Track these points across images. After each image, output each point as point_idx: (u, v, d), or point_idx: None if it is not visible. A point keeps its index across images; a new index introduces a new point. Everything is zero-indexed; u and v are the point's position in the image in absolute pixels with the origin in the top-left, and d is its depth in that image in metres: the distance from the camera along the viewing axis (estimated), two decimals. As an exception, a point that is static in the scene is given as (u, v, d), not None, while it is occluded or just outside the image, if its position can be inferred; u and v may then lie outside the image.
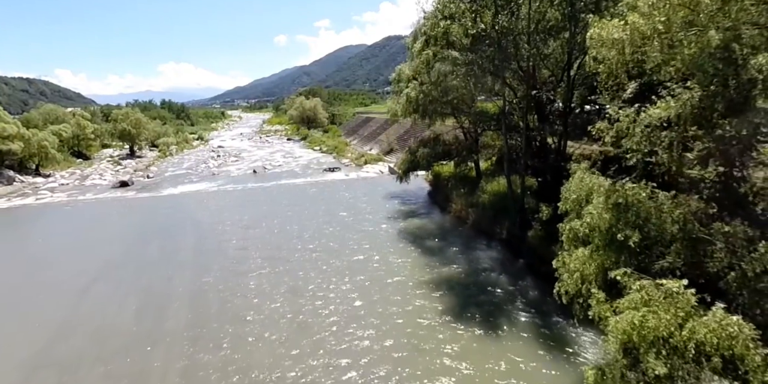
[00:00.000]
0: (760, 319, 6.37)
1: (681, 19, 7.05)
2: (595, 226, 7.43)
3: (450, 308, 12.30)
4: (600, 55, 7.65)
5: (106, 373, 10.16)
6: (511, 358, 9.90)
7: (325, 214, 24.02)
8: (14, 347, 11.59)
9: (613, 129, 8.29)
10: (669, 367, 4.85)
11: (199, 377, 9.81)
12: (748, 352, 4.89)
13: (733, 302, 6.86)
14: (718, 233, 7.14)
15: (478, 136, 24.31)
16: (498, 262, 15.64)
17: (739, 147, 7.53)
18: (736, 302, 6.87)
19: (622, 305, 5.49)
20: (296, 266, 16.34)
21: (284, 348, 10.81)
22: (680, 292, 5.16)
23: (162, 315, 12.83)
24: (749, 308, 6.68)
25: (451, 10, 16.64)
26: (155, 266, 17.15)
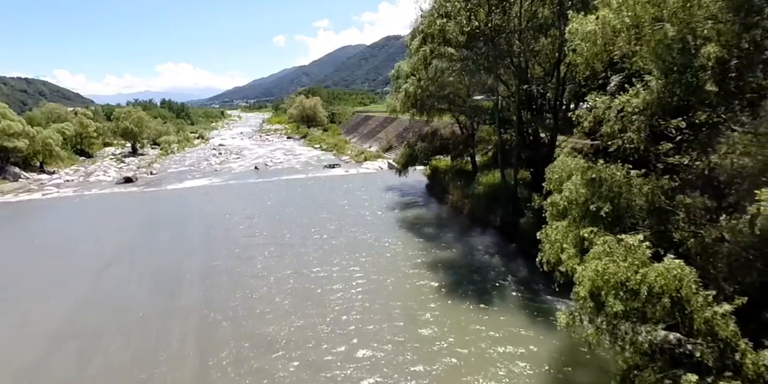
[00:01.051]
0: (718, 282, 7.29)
1: (648, 15, 7.96)
2: (573, 200, 8.32)
3: (445, 284, 13.25)
4: (578, 48, 8.56)
5: (127, 341, 11.07)
6: (500, 325, 10.84)
7: (326, 205, 24.98)
8: (40, 320, 12.49)
9: (591, 115, 9.20)
10: (625, 305, 5.75)
11: (214, 343, 10.73)
12: (693, 294, 5.80)
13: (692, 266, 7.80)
14: (681, 205, 8.06)
15: (474, 131, 25.23)
16: (492, 246, 16.57)
17: (710, 134, 8.43)
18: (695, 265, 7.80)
19: (588, 257, 6.39)
20: (300, 250, 17.30)
21: (291, 317, 11.76)
22: (637, 245, 6.07)
23: (176, 292, 13.75)
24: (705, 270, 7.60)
25: (447, 8, 17.54)
26: (166, 251, 18.07)
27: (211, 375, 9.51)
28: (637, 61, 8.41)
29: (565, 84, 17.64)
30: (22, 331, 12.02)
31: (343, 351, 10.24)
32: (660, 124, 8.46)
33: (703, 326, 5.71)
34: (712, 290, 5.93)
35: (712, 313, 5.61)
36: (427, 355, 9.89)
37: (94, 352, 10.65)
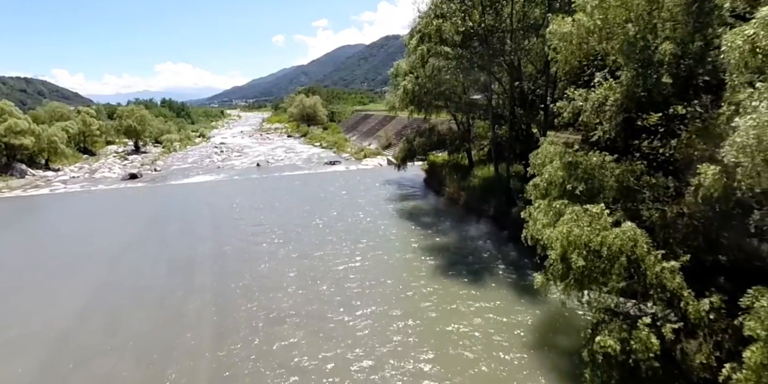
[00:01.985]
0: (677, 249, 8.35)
1: (617, 17, 9.03)
2: (552, 181, 9.37)
3: (440, 265, 14.34)
4: (557, 47, 9.63)
5: (148, 313, 12.15)
6: (489, 299, 11.92)
7: (327, 197, 26.09)
8: (67, 298, 13.54)
9: (570, 107, 10.28)
10: (586, 261, 6.81)
11: (229, 314, 11.81)
12: (646, 254, 6.88)
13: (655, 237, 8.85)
14: (647, 184, 9.13)
15: (469, 127, 26.27)
16: (485, 233, 17.64)
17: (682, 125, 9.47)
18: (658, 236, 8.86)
19: (558, 224, 7.45)
20: (304, 237, 18.46)
21: (298, 291, 12.91)
22: (600, 213, 7.13)
23: (189, 274, 14.82)
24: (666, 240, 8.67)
25: (443, 9, 18.59)
26: (178, 239, 19.15)
27: (228, 340, 10.56)
28: (610, 58, 9.51)
29: (555, 81, 18.68)
30: (51, 307, 13.06)
31: (344, 317, 11.40)
32: (638, 116, 9.53)
33: (654, 280, 6.77)
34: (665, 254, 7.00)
35: (661, 268, 6.67)
36: (416, 316, 11.06)
37: (119, 323, 11.70)
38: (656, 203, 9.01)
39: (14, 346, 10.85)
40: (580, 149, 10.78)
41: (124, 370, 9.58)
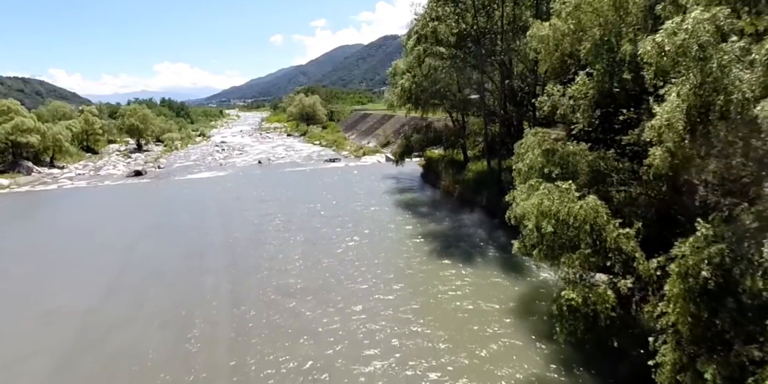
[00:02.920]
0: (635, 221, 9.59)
1: (588, 22, 10.29)
2: (532, 166, 10.59)
3: (435, 249, 15.61)
4: (537, 48, 10.88)
5: (168, 291, 13.37)
6: (479, 275, 13.23)
7: (329, 190, 27.40)
8: (91, 280, 14.74)
9: (549, 101, 11.53)
10: (555, 229, 8.04)
11: (243, 291, 13.02)
12: (606, 222, 8.12)
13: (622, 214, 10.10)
14: (614, 169, 10.39)
15: (464, 124, 27.54)
16: (477, 221, 18.90)
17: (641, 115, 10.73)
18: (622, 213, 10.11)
19: (532, 197, 8.69)
20: (307, 224, 19.86)
21: (305, 271, 14.18)
22: (568, 189, 8.37)
23: (204, 257, 16.06)
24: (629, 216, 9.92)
25: (438, 12, 19.86)
26: (189, 228, 20.38)
27: (243, 310, 11.78)
28: (584, 58, 10.76)
29: (544, 80, 19.95)
30: (78, 286, 14.26)
31: (347, 292, 12.73)
32: (615, 110, 10.78)
33: (613, 244, 8.01)
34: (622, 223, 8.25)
35: (618, 234, 7.92)
36: (412, 290, 12.40)
37: (143, 298, 12.91)
38: (623, 186, 10.30)
39: (52, 315, 12.05)
40: (563, 141, 12.04)
41: (151, 335, 10.77)
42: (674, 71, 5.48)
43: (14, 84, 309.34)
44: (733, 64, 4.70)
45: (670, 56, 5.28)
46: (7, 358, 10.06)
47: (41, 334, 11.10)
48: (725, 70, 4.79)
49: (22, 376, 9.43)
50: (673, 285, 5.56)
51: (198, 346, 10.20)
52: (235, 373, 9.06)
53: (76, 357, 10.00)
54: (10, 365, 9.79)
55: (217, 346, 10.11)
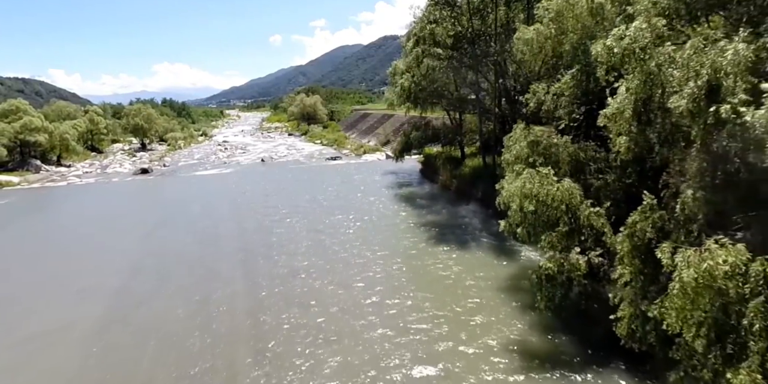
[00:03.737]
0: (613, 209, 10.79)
1: (570, 27, 11.48)
2: (518, 156, 11.77)
3: (432, 236, 16.84)
4: (522, 50, 12.09)
5: (188, 272, 14.61)
6: (472, 258, 14.45)
7: (331, 185, 28.71)
8: (114, 263, 16.01)
9: (534, 98, 12.75)
10: (536, 208, 9.22)
11: (256, 271, 14.26)
12: (579, 203, 9.32)
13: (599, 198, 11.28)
14: (591, 158, 11.59)
15: (461, 122, 28.74)
16: (472, 212, 20.11)
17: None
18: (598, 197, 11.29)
19: (516, 181, 9.88)
20: (311, 215, 21.18)
21: (311, 255, 15.47)
22: (547, 173, 9.56)
23: (218, 243, 17.36)
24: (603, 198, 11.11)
25: (435, 16, 21.09)
26: (201, 218, 21.70)
27: (256, 288, 13.00)
28: (565, 59, 11.96)
29: (530, 78, 21.15)
30: (104, 269, 15.55)
31: (348, 268, 14.06)
32: (597, 106, 11.95)
33: (586, 221, 9.20)
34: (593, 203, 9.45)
35: (589, 212, 9.11)
36: (408, 267, 13.72)
37: (164, 279, 14.11)
38: (600, 174, 11.51)
39: (83, 293, 13.26)
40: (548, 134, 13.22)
41: (176, 308, 11.96)
42: (623, 69, 6.66)
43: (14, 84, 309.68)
44: (667, 65, 5.87)
45: (617, 57, 6.47)
46: (49, 327, 11.26)
47: (77, 308, 12.31)
48: (661, 68, 5.96)
49: (64, 342, 10.61)
50: (623, 244, 6.75)
51: (219, 313, 11.48)
52: (253, 335, 10.29)
53: (110, 325, 11.22)
54: (52, 332, 10.98)
55: (236, 314, 11.37)
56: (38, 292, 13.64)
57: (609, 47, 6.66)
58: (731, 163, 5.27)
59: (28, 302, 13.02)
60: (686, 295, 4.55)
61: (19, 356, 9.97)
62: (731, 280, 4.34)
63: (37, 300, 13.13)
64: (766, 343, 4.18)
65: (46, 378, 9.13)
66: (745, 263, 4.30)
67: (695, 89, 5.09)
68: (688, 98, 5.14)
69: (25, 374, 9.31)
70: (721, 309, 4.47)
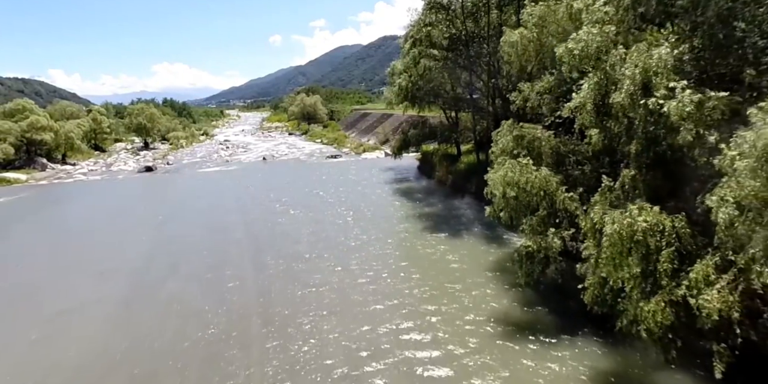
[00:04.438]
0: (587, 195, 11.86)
1: (552, 31, 12.59)
2: (504, 149, 12.88)
3: (427, 226, 17.97)
4: (508, 52, 13.21)
5: (199, 258, 15.73)
6: (463, 245, 15.58)
7: (332, 180, 29.92)
8: (131, 249, 17.15)
9: (521, 96, 13.86)
10: (517, 194, 10.32)
11: (263, 257, 15.37)
12: (556, 189, 10.43)
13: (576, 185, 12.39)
14: (571, 151, 12.70)
15: (457, 120, 29.85)
16: (466, 205, 21.24)
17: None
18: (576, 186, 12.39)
19: (500, 171, 10.99)
20: (313, 208, 22.36)
21: (313, 242, 16.60)
22: (526, 163, 10.67)
23: (226, 232, 18.49)
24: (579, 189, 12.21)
25: (431, 18, 22.21)
26: (209, 211, 22.91)
27: (263, 270, 14.12)
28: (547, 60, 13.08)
29: (518, 78, 22.28)
30: (122, 254, 16.80)
31: (347, 251, 15.38)
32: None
33: (561, 205, 10.31)
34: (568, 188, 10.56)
35: (564, 197, 10.22)
36: (402, 251, 14.94)
37: (179, 263, 15.25)
38: (579, 165, 12.62)
39: (104, 275, 14.38)
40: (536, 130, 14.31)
41: (191, 286, 13.11)
42: (584, 69, 7.77)
43: (14, 84, 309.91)
44: (619, 65, 6.96)
45: (577, 58, 7.56)
46: (78, 303, 12.42)
47: (101, 287, 13.43)
48: (614, 68, 7.06)
49: (93, 315, 11.73)
50: (585, 221, 7.85)
51: (231, 290, 12.69)
52: (262, 306, 11.45)
53: (133, 301, 12.35)
54: (81, 307, 12.13)
55: (246, 291, 12.56)
56: (63, 275, 14.82)
57: (570, 50, 7.78)
58: (660, 145, 6.35)
59: (56, 283, 14.20)
60: (613, 245, 5.65)
61: (56, 327, 11.09)
62: (651, 236, 5.43)
63: (63, 281, 14.30)
64: (673, 282, 5.27)
65: (82, 344, 10.21)
66: (661, 222, 5.38)
67: (632, 86, 6.19)
68: (625, 93, 6.23)
69: (63, 341, 10.41)
70: (644, 258, 5.56)
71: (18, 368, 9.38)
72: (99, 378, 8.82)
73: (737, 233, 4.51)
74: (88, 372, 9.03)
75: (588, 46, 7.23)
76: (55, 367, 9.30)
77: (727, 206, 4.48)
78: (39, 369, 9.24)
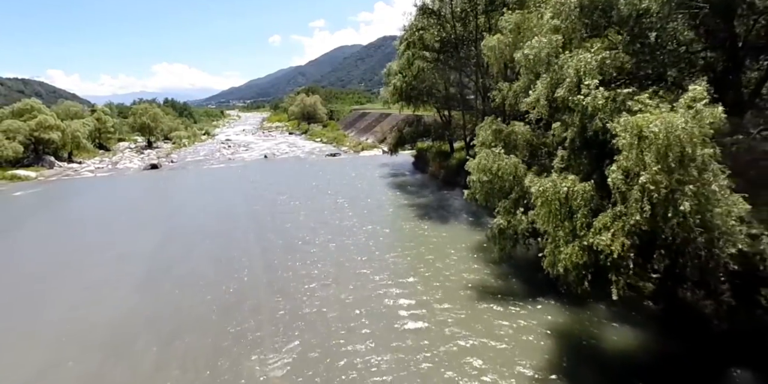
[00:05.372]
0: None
1: (526, 37, 14.17)
2: (484, 142, 14.45)
3: (417, 214, 19.63)
4: (487, 54, 14.80)
5: (210, 242, 17.32)
6: (449, 230, 17.18)
7: (331, 176, 31.57)
8: (146, 236, 18.75)
9: (500, 95, 15.46)
10: (489, 178, 11.91)
11: (268, 242, 16.94)
12: (523, 174, 12.01)
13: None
14: (542, 143, 14.30)
15: (450, 118, 31.44)
16: (456, 196, 22.79)
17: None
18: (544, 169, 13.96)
19: (476, 159, 12.58)
20: (313, 199, 24.07)
21: (312, 228, 18.25)
22: (499, 152, 12.25)
23: (233, 221, 20.14)
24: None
25: (423, 23, 23.82)
26: (216, 203, 24.56)
27: (269, 252, 15.70)
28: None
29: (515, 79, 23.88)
30: (137, 240, 18.37)
31: (344, 234, 17.06)
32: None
33: (528, 188, 11.89)
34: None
35: (530, 179, 11.80)
36: (394, 234, 16.77)
37: (191, 246, 16.87)
38: (550, 156, 14.20)
39: (125, 257, 16.00)
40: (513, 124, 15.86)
41: (205, 265, 14.70)
42: (539, 71, 9.35)
43: (14, 85, 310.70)
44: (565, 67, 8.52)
45: (531, 62, 9.14)
46: (103, 279, 14.03)
47: (122, 267, 15.02)
48: (561, 71, 8.62)
49: (118, 288, 13.33)
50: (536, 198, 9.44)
51: (241, 266, 14.33)
52: (269, 280, 13.10)
53: (153, 277, 13.97)
54: (107, 282, 13.72)
55: (254, 268, 14.16)
56: (86, 256, 16.47)
57: (526, 55, 9.36)
58: (587, 132, 7.90)
59: (81, 262, 15.85)
60: (544, 203, 7.23)
61: (91, 294, 12.73)
62: (573, 199, 7.01)
63: (87, 261, 15.95)
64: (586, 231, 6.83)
65: (115, 307, 11.83)
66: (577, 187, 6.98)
67: (569, 84, 7.75)
68: (565, 90, 7.81)
69: (98, 305, 12.04)
70: (568, 215, 7.14)
71: (67, 325, 11.00)
72: (133, 332, 10.41)
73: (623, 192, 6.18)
74: (123, 327, 10.65)
75: (540, 52, 8.80)
76: (96, 324, 10.91)
77: (616, 174, 6.10)
78: (84, 325, 10.89)
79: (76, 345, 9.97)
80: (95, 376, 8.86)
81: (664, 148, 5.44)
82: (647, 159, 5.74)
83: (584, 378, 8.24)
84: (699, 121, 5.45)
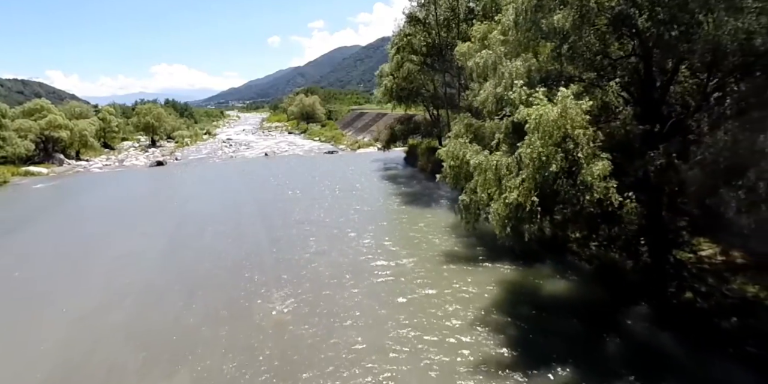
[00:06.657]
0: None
1: (492, 44, 16.59)
2: (456, 134, 16.84)
3: (404, 200, 22.09)
4: (459, 59, 17.22)
5: (221, 225, 19.69)
6: (433, 215, 19.56)
7: (328, 171, 34.03)
8: (163, 221, 21.11)
9: (472, 94, 17.87)
10: (456, 163, 14.26)
11: (273, 224, 19.31)
12: (507, 174, 14.44)
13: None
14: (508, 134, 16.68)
15: (438, 116, 33.88)
16: (443, 188, 25.20)
17: None
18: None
19: (446, 148, 14.95)
20: (311, 190, 26.56)
21: (310, 213, 20.70)
22: (465, 142, 14.61)
23: (240, 208, 22.55)
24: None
25: (411, 30, 26.27)
26: (222, 193, 27.05)
27: (273, 232, 18.07)
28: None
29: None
30: (156, 224, 20.75)
31: (339, 218, 19.53)
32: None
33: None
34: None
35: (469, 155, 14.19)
36: (381, 215, 19.38)
37: (203, 228, 19.24)
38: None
39: (147, 235, 18.42)
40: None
41: (218, 241, 17.10)
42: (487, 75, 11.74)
43: (14, 85, 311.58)
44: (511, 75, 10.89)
45: (480, 68, 11.53)
46: (132, 250, 16.49)
47: (146, 242, 17.45)
48: (506, 75, 10.99)
49: (146, 256, 15.75)
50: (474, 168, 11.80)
51: (248, 242, 16.76)
52: (273, 253, 15.45)
53: (173, 251, 16.36)
54: (131, 255, 16.14)
55: (260, 244, 16.54)
56: (111, 234, 18.97)
57: (477, 63, 11.76)
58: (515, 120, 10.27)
59: (107, 238, 18.37)
60: (480, 173, 9.67)
61: (121, 262, 15.11)
62: (500, 169, 9.44)
63: (115, 236, 18.43)
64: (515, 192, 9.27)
65: (144, 272, 14.25)
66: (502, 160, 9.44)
67: (506, 84, 10.12)
68: (502, 89, 10.19)
69: (129, 271, 14.44)
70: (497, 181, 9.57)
71: (103, 285, 13.38)
72: (162, 285, 12.80)
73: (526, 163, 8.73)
74: (152, 287, 13.05)
75: (487, 61, 11.19)
76: (129, 285, 13.30)
77: (523, 149, 8.55)
78: (119, 286, 13.26)
79: (120, 294, 12.42)
80: (138, 314, 11.25)
81: (549, 130, 7.86)
82: (534, 137, 8.28)
83: (522, 313, 10.65)
84: (569, 110, 7.97)
